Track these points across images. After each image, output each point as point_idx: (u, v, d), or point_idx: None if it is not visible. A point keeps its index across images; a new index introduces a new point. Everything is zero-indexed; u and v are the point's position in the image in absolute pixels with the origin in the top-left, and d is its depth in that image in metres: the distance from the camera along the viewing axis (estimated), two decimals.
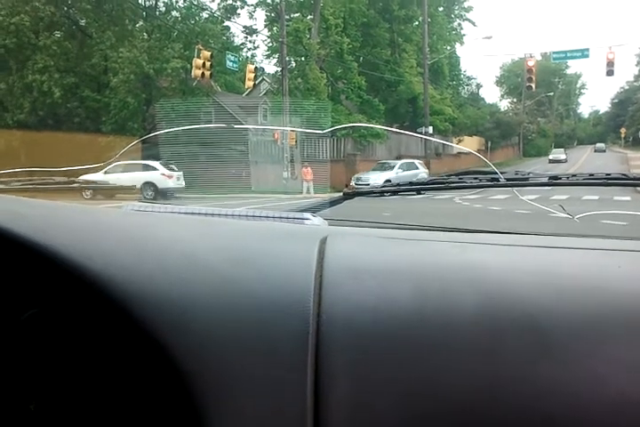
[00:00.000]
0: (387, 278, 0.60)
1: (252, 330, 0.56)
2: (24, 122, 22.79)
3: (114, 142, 17.21)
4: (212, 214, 0.96)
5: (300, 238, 0.75)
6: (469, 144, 37.37)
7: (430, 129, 27.59)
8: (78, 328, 0.65)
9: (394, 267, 0.63)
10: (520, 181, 1.28)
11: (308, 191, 20.07)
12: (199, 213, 0.97)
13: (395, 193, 1.40)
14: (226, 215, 0.96)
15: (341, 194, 1.32)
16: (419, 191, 1.38)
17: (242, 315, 0.56)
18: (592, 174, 1.20)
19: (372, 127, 23.50)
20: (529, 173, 1.30)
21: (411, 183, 1.37)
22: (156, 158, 14.76)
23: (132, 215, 0.92)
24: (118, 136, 18.34)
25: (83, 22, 25.17)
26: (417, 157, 28.27)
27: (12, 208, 0.72)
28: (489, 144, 38.72)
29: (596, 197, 11.14)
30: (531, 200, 1.49)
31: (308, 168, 20.82)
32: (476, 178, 1.26)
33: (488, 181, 1.23)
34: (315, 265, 0.61)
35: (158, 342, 0.56)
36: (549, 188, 1.34)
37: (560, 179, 1.21)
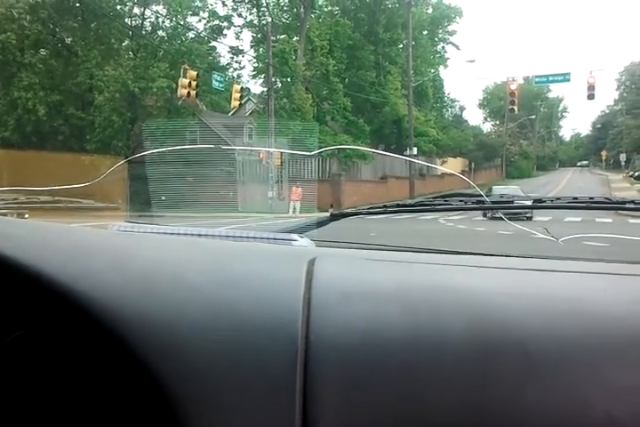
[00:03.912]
0: (376, 300, 0.60)
1: (240, 351, 0.55)
2: (8, 139, 22.65)
3: (98, 161, 17.12)
4: (199, 235, 0.96)
5: (288, 260, 0.74)
6: (453, 165, 37.71)
7: (415, 150, 27.82)
8: (65, 350, 0.64)
9: (382, 289, 0.62)
10: (505, 204, 1.29)
11: (294, 211, 20.06)
12: (185, 234, 0.96)
13: (381, 214, 1.40)
14: (213, 236, 0.96)
15: (328, 214, 1.32)
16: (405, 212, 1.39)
17: (230, 336, 0.56)
18: (576, 198, 1.20)
19: (359, 149, 23.64)
20: (513, 197, 1.30)
21: (398, 205, 1.38)
22: (143, 178, 14.68)
23: (118, 236, 0.92)
24: (103, 155, 18.26)
25: (69, 40, 25.21)
26: (402, 178, 28.46)
27: None
28: (472, 165, 39.10)
29: (579, 219, 11.25)
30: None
31: (298, 188, 20.84)
32: (461, 200, 1.26)
33: (474, 203, 1.24)
34: (303, 286, 0.61)
35: (146, 363, 0.55)
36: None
37: (544, 202, 1.22)
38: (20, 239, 0.68)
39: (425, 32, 39.70)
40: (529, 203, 1.26)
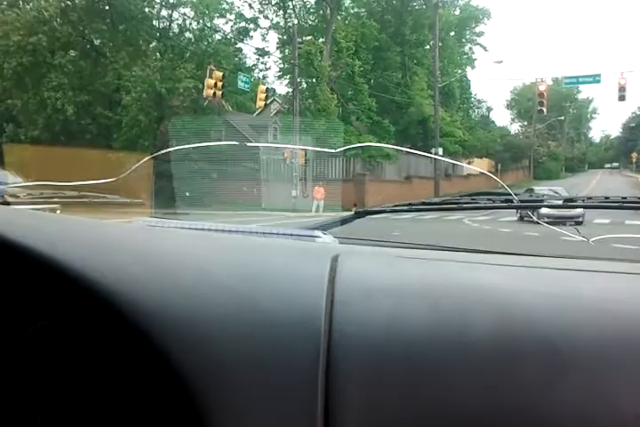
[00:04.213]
0: (399, 298, 0.59)
1: (263, 347, 0.55)
2: (37, 138, 23.12)
3: (124, 158, 17.34)
4: (223, 230, 0.96)
5: (312, 256, 0.74)
6: (479, 166, 37.34)
7: (440, 150, 27.64)
8: (87, 342, 0.64)
9: (407, 286, 0.62)
10: (534, 203, 1.27)
11: (317, 210, 20.08)
12: (209, 229, 0.97)
13: (406, 212, 1.39)
14: (237, 231, 0.96)
15: (352, 213, 1.31)
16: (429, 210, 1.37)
17: (253, 332, 0.56)
18: (607, 197, 1.17)
19: (384, 147, 23.57)
20: (543, 195, 1.27)
21: (423, 203, 1.35)
22: (168, 175, 14.83)
23: (143, 230, 0.92)
24: (129, 152, 18.51)
25: (98, 42, 25.63)
26: (426, 178, 28.29)
27: (25, 222, 0.72)
28: (499, 166, 38.72)
29: (607, 221, 11.07)
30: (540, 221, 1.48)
31: (321, 187, 20.85)
32: (489, 199, 1.24)
33: (502, 202, 1.22)
34: (326, 283, 0.61)
35: (168, 358, 0.55)
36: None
37: (575, 201, 1.19)
38: (47, 233, 0.69)
39: (452, 33, 39.44)
40: (560, 202, 1.23)
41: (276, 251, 0.76)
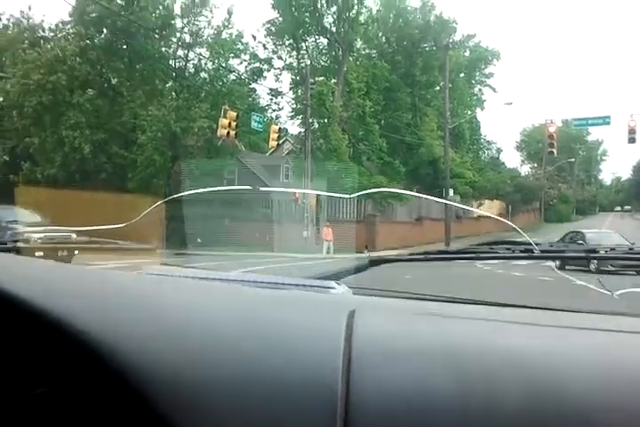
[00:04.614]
0: (422, 362, 0.56)
1: (276, 411, 0.52)
2: (54, 176, 23.35)
3: (136, 202, 17.45)
4: (235, 280, 0.95)
5: (326, 310, 0.72)
6: (490, 208, 37.36)
7: (451, 192, 27.67)
8: (88, 410, 0.61)
9: (429, 349, 0.58)
10: (556, 253, 1.24)
11: (328, 251, 19.99)
12: (219, 279, 0.95)
13: (422, 261, 1.36)
14: (248, 282, 0.93)
15: (366, 259, 1.29)
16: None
17: (265, 394, 0.53)
18: (632, 248, 1.15)
19: (399, 193, 23.59)
20: (565, 245, 1.24)
21: (439, 252, 1.33)
22: (180, 217, 14.90)
23: (151, 281, 0.91)
24: (142, 195, 18.65)
25: (115, 81, 26.21)
26: (437, 220, 28.24)
27: (25, 272, 0.72)
28: (509, 208, 38.66)
29: (633, 272, 10.91)
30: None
31: (329, 228, 20.82)
32: (508, 248, 1.21)
33: (522, 252, 1.19)
34: (343, 341, 0.58)
35: (172, 424, 0.53)
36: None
37: (598, 252, 1.15)
38: (50, 285, 0.68)
39: (462, 74, 40.10)
40: (582, 254, 1.21)
41: (288, 304, 0.74)
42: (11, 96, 24.11)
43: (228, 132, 20.05)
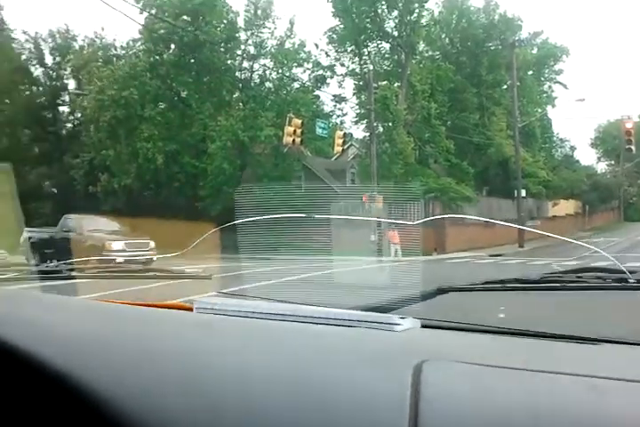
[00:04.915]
0: None
1: None
2: (129, 186, 24.48)
3: (195, 228, 17.80)
4: (291, 315, 0.87)
5: (389, 361, 0.65)
6: (565, 208, 36.04)
7: (523, 192, 26.87)
8: None
9: (510, 417, 0.51)
10: None
11: (395, 254, 19.83)
12: (273, 314, 0.88)
13: (497, 291, 1.22)
14: (304, 317, 0.86)
15: (434, 288, 1.19)
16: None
17: None
18: None
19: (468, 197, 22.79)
20: None
21: (517, 280, 1.19)
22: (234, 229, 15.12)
23: (196, 323, 0.87)
24: (212, 203, 18.76)
25: (184, 94, 27.12)
26: (510, 221, 27.46)
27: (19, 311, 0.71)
28: (586, 208, 37.16)
29: None
30: None
31: (395, 231, 20.63)
32: (598, 277, 1.07)
33: (613, 281, 1.04)
34: (408, 406, 0.52)
35: None
36: None
37: None
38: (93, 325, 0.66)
39: (530, 72, 38.94)
40: None
41: (345, 351, 0.67)
42: (87, 112, 25.62)
43: (294, 140, 20.26)
